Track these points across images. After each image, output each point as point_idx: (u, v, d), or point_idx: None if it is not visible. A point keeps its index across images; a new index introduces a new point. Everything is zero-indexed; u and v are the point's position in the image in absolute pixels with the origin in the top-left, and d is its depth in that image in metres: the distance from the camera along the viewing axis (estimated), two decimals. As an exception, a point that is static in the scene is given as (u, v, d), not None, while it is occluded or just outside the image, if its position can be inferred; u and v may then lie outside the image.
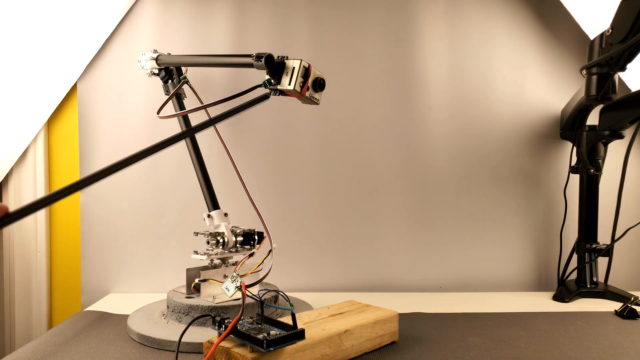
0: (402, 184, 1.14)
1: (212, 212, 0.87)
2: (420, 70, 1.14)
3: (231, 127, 1.12)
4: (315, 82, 0.70)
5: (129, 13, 1.11)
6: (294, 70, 0.68)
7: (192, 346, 0.71)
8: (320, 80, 0.70)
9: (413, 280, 1.14)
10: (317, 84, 0.70)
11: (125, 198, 1.12)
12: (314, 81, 0.70)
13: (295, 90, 0.68)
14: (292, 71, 0.68)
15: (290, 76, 0.68)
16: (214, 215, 0.87)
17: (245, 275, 0.81)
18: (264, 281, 0.88)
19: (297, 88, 0.68)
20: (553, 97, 1.15)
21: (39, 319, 1.10)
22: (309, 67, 0.69)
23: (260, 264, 0.82)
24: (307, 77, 0.68)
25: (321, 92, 0.72)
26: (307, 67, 0.68)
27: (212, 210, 0.88)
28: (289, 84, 0.68)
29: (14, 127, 1.04)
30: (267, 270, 0.83)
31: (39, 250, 1.10)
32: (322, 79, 0.71)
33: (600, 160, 1.05)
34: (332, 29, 1.14)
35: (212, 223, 0.87)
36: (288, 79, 0.68)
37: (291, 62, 0.68)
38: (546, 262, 1.16)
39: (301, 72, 0.68)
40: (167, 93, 1.03)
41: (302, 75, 0.68)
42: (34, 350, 0.73)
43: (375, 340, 0.73)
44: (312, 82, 0.69)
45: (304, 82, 0.68)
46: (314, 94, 0.70)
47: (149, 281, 1.11)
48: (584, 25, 1.09)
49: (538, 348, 0.74)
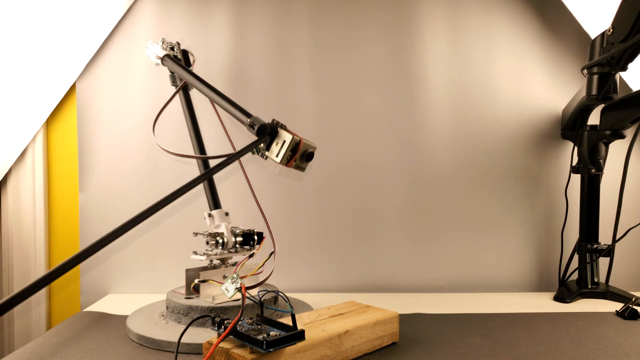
0: (403, 184, 1.14)
1: (213, 212, 0.87)
2: (421, 71, 1.13)
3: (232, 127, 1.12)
4: (303, 154, 0.70)
5: (128, 13, 1.10)
6: (284, 143, 0.68)
7: (191, 347, 0.71)
8: (310, 153, 0.70)
9: (413, 280, 1.14)
10: (304, 157, 0.70)
11: (125, 198, 1.11)
12: (302, 154, 0.69)
13: (281, 163, 0.69)
14: (282, 144, 0.68)
15: (280, 148, 0.68)
16: (214, 214, 0.87)
17: (246, 277, 0.80)
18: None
19: (284, 162, 0.68)
20: (554, 96, 1.14)
21: (38, 319, 1.10)
22: (299, 141, 0.68)
23: (261, 266, 0.82)
24: (296, 152, 0.68)
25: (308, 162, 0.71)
26: (298, 142, 0.68)
27: (214, 209, 0.88)
28: (276, 156, 0.69)
29: (13, 127, 1.04)
30: (269, 274, 0.82)
31: (37, 250, 1.10)
32: (311, 152, 0.70)
33: (601, 160, 1.05)
34: (332, 29, 1.13)
35: (212, 222, 0.86)
36: (277, 150, 0.69)
37: (284, 134, 0.68)
38: (547, 263, 1.15)
39: (291, 147, 0.68)
40: (174, 83, 1.01)
41: (291, 149, 0.68)
42: (33, 351, 0.72)
43: (375, 341, 0.72)
44: (300, 155, 0.69)
45: (292, 156, 0.69)
46: (300, 164, 0.70)
47: (149, 282, 1.11)
48: (584, 25, 1.09)
49: (539, 349, 0.74)
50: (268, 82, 1.12)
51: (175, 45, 1.00)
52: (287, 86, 1.13)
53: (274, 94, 1.12)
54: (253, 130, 0.69)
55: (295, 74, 1.13)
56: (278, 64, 1.13)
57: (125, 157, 1.11)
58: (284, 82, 1.13)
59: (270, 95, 1.13)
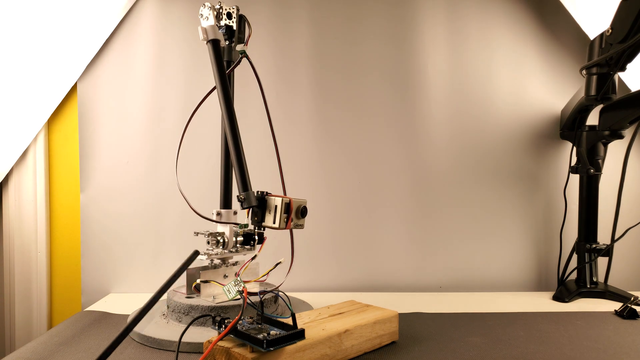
0: (402, 184, 1.14)
1: (222, 211, 0.86)
2: (421, 71, 1.14)
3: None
4: (297, 212, 0.70)
5: (129, 13, 1.11)
6: (276, 208, 0.68)
7: (192, 346, 0.71)
8: (303, 208, 0.70)
9: (413, 280, 1.14)
10: (299, 213, 0.70)
11: (126, 198, 1.12)
12: (297, 211, 0.70)
13: (280, 228, 0.69)
14: (274, 210, 0.69)
15: (273, 215, 0.69)
16: (223, 213, 0.86)
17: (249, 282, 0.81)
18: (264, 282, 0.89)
19: (282, 225, 0.69)
20: (553, 97, 1.15)
21: (39, 319, 1.10)
22: (289, 201, 0.69)
23: (266, 274, 0.82)
24: (289, 212, 0.69)
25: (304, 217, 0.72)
26: (288, 202, 0.69)
27: (223, 208, 0.87)
28: (273, 222, 0.69)
29: (14, 127, 1.05)
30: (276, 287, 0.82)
31: (39, 250, 1.10)
32: (304, 207, 0.70)
33: (600, 160, 1.05)
34: (331, 29, 1.14)
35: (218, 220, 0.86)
36: (272, 218, 0.69)
37: (273, 200, 0.69)
38: (546, 262, 1.16)
39: (283, 210, 0.68)
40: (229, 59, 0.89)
41: (284, 211, 0.68)
42: (34, 350, 0.73)
43: (375, 340, 0.73)
44: (295, 214, 0.70)
45: (288, 217, 0.69)
46: (297, 222, 0.71)
47: (149, 281, 1.11)
48: (583, 25, 1.09)
49: (538, 348, 0.74)
50: (268, 80, 1.12)
51: (232, 11, 0.87)
52: (287, 86, 1.13)
53: (274, 93, 1.13)
54: (242, 205, 0.70)
55: (296, 74, 1.13)
56: (278, 64, 1.13)
57: (126, 157, 1.12)
58: (283, 81, 1.13)
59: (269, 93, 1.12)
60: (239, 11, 0.88)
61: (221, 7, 0.87)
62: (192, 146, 1.11)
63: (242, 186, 0.72)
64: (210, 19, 0.85)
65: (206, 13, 0.85)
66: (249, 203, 0.70)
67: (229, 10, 0.87)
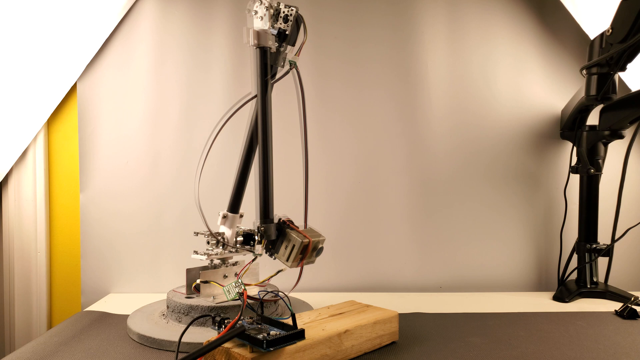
0: (402, 184, 1.14)
1: (229, 214, 0.86)
2: (421, 71, 1.14)
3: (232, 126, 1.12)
4: (312, 251, 0.67)
5: (129, 13, 1.10)
6: (293, 247, 0.65)
7: (192, 346, 0.71)
8: (320, 249, 0.67)
9: (413, 280, 1.14)
10: (314, 253, 0.67)
11: (125, 198, 1.11)
12: (312, 251, 0.67)
13: (292, 267, 0.66)
14: (291, 248, 0.65)
15: (289, 252, 0.66)
16: (229, 216, 0.85)
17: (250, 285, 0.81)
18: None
19: (294, 265, 0.66)
20: (553, 97, 1.15)
21: (39, 319, 1.10)
22: (308, 243, 0.65)
23: (267, 279, 0.82)
24: (305, 252, 0.65)
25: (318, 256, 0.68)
26: (306, 245, 0.65)
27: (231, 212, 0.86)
28: (286, 260, 0.66)
29: (14, 127, 1.05)
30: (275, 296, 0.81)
31: (39, 250, 1.10)
32: (320, 247, 0.67)
33: (600, 160, 1.05)
34: (332, 30, 1.13)
35: (223, 223, 0.85)
36: (287, 254, 0.66)
37: (292, 237, 0.65)
38: (546, 262, 1.16)
39: (299, 251, 0.65)
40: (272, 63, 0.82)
41: (300, 252, 0.65)
42: (34, 350, 0.73)
43: (375, 341, 0.73)
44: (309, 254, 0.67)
45: (302, 257, 0.66)
46: (309, 259, 0.68)
47: (149, 281, 1.11)
48: (584, 25, 1.09)
49: (538, 348, 0.74)
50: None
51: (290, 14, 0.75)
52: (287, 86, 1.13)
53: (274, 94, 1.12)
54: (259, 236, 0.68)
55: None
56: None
57: (126, 158, 1.11)
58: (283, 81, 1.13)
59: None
60: (298, 11, 0.76)
61: (279, 6, 0.74)
62: (192, 146, 1.11)
63: (264, 217, 0.69)
64: (265, 20, 0.72)
65: (261, 12, 0.72)
66: (268, 237, 0.67)
67: (286, 12, 0.75)
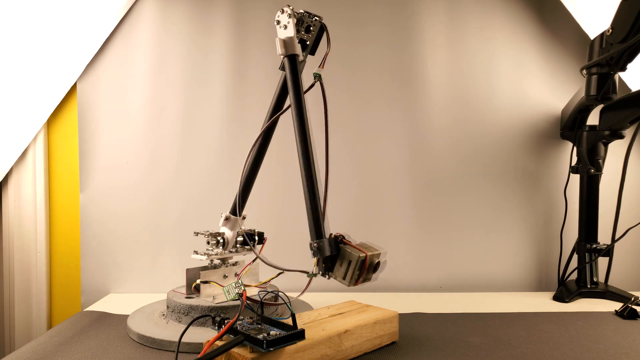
0: (402, 184, 1.14)
1: (232, 216, 0.85)
2: (421, 71, 1.14)
3: (233, 126, 1.12)
4: (370, 267, 0.62)
5: (129, 13, 1.10)
6: (350, 264, 0.61)
7: (192, 346, 0.71)
8: (377, 264, 0.62)
9: (413, 280, 1.14)
10: (371, 269, 0.62)
11: (126, 198, 1.11)
12: (369, 267, 0.62)
13: (349, 285, 0.61)
14: (348, 265, 0.61)
15: (345, 269, 0.61)
16: (231, 218, 0.85)
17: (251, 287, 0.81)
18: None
19: (352, 284, 0.61)
20: (553, 97, 1.15)
21: (39, 319, 1.10)
22: (365, 258, 0.60)
23: (267, 281, 0.82)
24: (362, 269, 0.61)
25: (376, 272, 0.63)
26: (364, 260, 0.60)
27: (233, 214, 0.86)
28: (343, 278, 0.61)
29: (13, 127, 1.04)
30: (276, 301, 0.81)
31: (38, 250, 1.10)
32: (377, 262, 0.62)
33: (600, 160, 1.05)
34: (333, 30, 1.13)
35: (225, 224, 0.85)
36: (343, 272, 0.61)
37: (348, 253, 0.61)
38: (546, 262, 1.15)
39: (358, 266, 0.60)
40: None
41: (358, 268, 0.61)
42: (34, 350, 0.73)
43: (375, 341, 0.73)
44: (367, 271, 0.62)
45: (360, 274, 0.61)
46: (367, 276, 0.62)
47: (149, 281, 1.11)
48: (584, 25, 1.09)
49: (538, 348, 0.74)
50: (268, 82, 1.12)
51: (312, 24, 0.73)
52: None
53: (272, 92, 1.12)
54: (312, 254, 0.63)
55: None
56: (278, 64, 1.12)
57: (126, 157, 1.11)
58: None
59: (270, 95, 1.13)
60: (322, 20, 0.75)
61: (302, 14, 0.73)
62: (192, 146, 1.11)
63: (317, 234, 0.65)
64: (289, 28, 0.71)
65: (284, 20, 0.71)
66: (322, 254, 0.63)
67: (309, 23, 0.75)
